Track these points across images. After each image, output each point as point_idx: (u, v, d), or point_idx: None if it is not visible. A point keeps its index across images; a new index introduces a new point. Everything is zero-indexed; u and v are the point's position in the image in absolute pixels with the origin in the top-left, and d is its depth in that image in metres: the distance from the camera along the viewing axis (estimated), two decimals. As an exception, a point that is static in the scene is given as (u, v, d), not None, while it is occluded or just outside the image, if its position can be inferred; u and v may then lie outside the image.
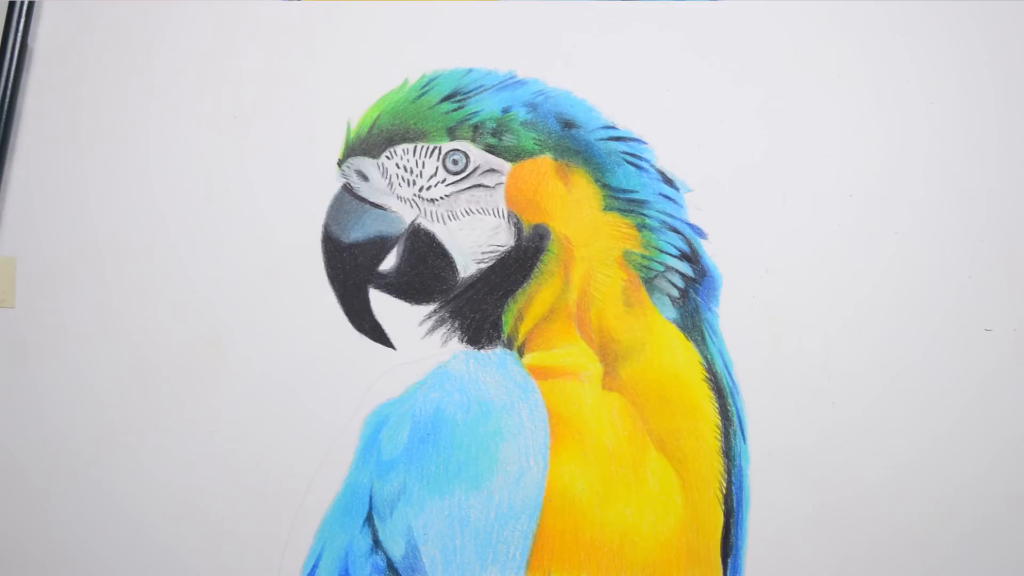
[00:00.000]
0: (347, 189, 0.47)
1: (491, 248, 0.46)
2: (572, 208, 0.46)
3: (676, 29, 0.48)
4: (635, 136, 0.47)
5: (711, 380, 0.45)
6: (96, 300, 0.47)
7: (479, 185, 0.47)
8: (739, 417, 0.45)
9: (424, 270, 0.46)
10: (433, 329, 0.46)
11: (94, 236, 0.47)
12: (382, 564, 0.44)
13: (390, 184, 0.47)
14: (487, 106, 0.47)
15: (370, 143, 0.47)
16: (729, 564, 0.44)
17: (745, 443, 0.45)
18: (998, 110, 0.48)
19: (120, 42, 0.49)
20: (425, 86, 0.48)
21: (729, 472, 0.45)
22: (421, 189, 0.47)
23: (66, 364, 0.46)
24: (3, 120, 0.47)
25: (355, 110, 0.48)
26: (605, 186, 0.47)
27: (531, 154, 0.47)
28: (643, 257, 0.46)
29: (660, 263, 0.46)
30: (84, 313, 0.46)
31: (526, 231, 0.46)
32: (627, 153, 0.47)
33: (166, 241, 0.47)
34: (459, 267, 0.47)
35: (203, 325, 0.46)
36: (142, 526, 0.45)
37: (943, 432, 0.45)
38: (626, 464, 0.44)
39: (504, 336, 0.46)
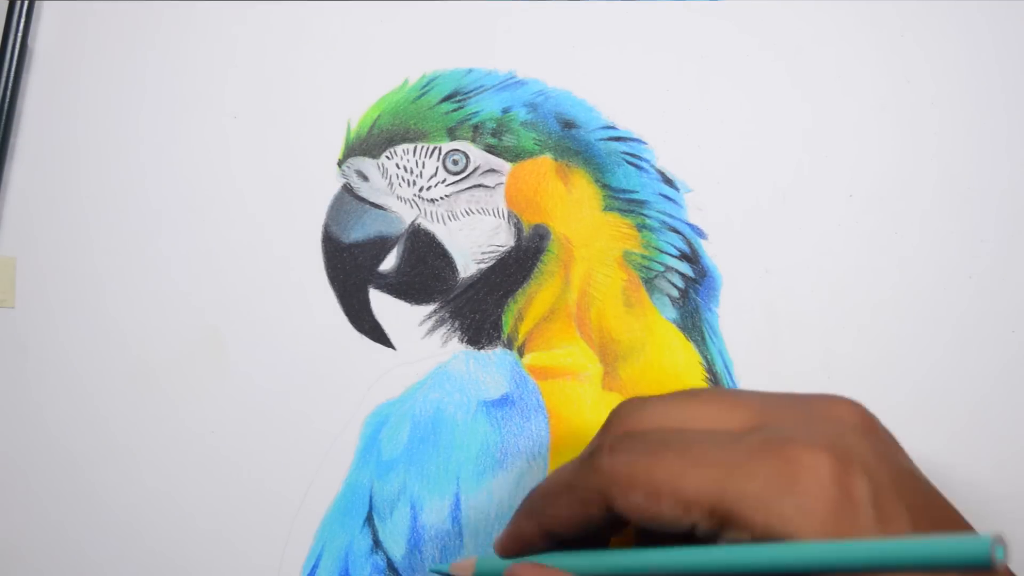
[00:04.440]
0: (347, 189, 0.47)
1: (491, 248, 0.46)
2: (572, 208, 0.46)
3: (676, 29, 0.48)
4: (635, 136, 0.47)
5: (711, 380, 0.45)
6: (96, 300, 0.46)
7: (479, 185, 0.47)
8: (739, 417, 0.45)
9: (424, 270, 0.46)
10: (433, 329, 0.46)
11: (94, 236, 0.47)
12: (382, 564, 0.44)
13: (390, 184, 0.47)
14: (487, 106, 0.47)
15: (370, 143, 0.47)
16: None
17: (745, 443, 0.45)
18: (1001, 111, 0.47)
19: (120, 42, 0.49)
20: (425, 86, 0.48)
21: (729, 472, 0.45)
22: (421, 189, 0.47)
23: (66, 364, 0.46)
24: (3, 120, 0.47)
25: (355, 110, 0.48)
26: (605, 186, 0.47)
27: (531, 154, 0.47)
28: (643, 257, 0.46)
29: (660, 263, 0.46)
30: (84, 313, 0.46)
31: (526, 231, 0.46)
32: (627, 153, 0.47)
33: (166, 241, 0.47)
34: (459, 267, 0.46)
35: (203, 325, 0.46)
36: (141, 526, 0.45)
37: (943, 433, 0.45)
38: (626, 464, 0.44)
39: (504, 336, 0.46)
